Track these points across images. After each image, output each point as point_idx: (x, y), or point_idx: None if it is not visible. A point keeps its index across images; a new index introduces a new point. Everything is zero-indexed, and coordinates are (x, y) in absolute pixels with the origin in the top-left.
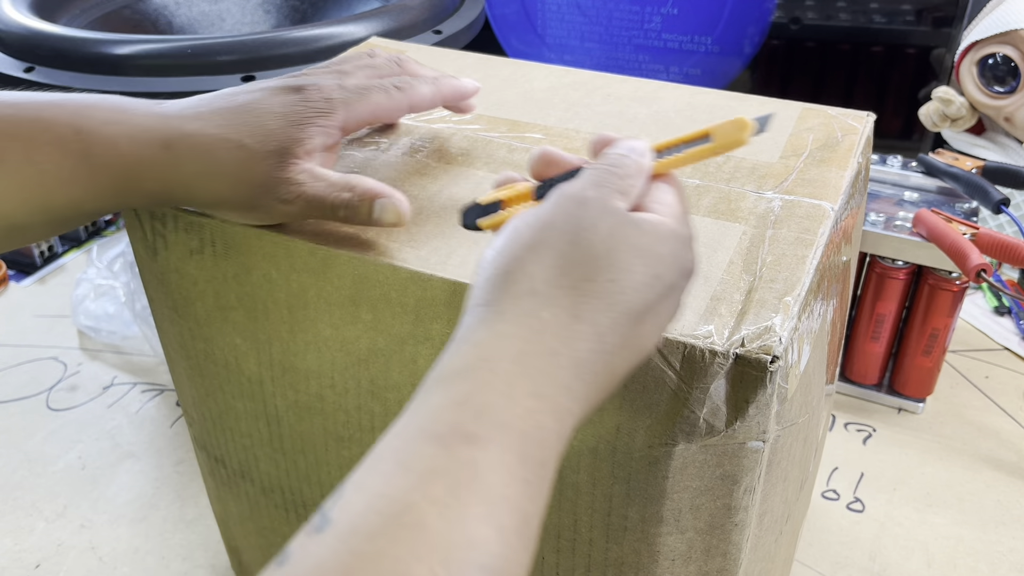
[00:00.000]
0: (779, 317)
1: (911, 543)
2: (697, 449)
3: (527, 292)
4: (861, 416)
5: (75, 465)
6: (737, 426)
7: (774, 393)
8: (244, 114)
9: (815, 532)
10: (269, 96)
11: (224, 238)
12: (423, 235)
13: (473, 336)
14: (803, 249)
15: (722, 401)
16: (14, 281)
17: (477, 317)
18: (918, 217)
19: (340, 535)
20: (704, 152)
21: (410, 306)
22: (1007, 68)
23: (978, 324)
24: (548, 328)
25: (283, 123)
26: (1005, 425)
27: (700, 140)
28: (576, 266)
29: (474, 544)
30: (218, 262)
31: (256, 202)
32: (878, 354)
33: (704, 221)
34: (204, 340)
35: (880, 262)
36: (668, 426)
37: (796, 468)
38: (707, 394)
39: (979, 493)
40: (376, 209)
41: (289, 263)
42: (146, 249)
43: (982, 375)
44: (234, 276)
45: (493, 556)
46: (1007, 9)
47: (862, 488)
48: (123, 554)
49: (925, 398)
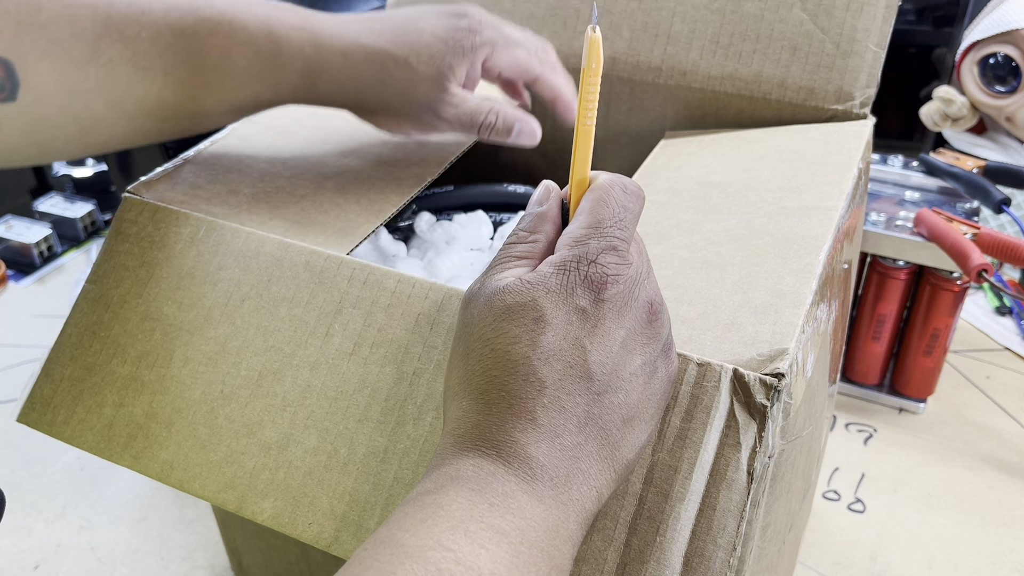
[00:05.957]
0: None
1: (912, 543)
2: None
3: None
4: (862, 416)
5: (74, 466)
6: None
7: (779, 408)
8: (412, 32)
9: (816, 533)
10: (435, 19)
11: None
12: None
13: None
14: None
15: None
16: (13, 281)
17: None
18: (919, 217)
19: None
20: (583, 88)
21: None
22: (1008, 68)
23: (979, 324)
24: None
25: (443, 48)
26: (1006, 425)
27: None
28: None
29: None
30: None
31: (416, 114)
32: (879, 354)
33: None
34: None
35: (881, 262)
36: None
37: (800, 479)
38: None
39: (980, 493)
40: (515, 132)
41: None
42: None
43: (983, 375)
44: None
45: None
46: (1008, 9)
47: (863, 488)
48: (122, 555)
49: (926, 398)
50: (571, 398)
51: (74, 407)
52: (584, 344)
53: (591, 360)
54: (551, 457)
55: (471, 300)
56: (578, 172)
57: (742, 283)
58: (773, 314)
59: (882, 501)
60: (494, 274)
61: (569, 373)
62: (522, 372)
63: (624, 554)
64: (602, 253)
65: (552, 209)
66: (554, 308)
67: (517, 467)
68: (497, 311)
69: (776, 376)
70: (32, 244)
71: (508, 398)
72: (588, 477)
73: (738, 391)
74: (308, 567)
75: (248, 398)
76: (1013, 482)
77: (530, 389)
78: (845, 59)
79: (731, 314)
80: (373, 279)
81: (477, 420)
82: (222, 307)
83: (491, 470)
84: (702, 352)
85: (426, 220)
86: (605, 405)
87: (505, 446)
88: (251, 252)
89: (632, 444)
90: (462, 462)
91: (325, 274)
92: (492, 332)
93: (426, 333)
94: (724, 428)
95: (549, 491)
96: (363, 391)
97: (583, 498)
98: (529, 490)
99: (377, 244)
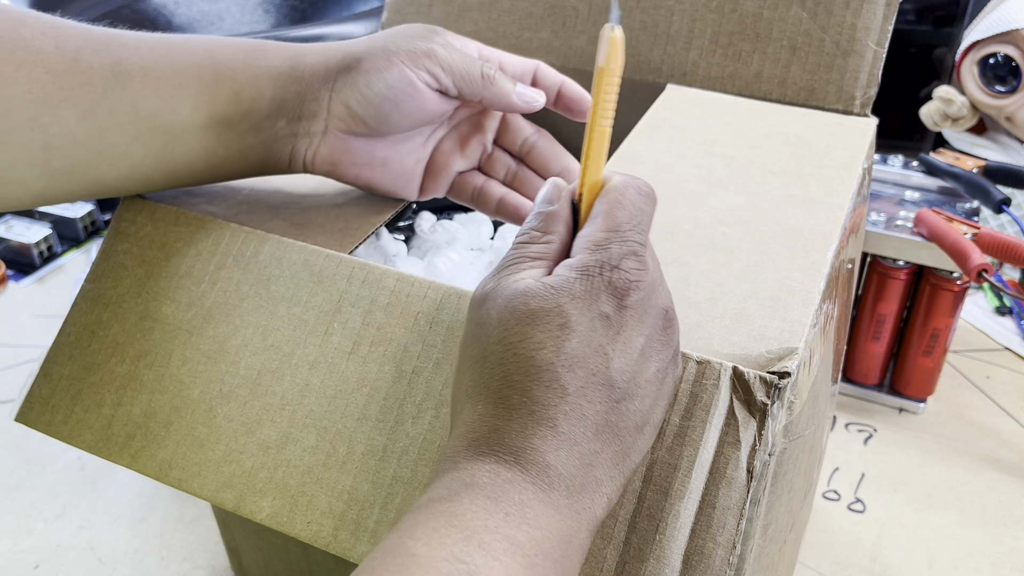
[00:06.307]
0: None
1: (912, 544)
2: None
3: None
4: (862, 416)
5: (74, 465)
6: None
7: (780, 406)
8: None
9: (816, 533)
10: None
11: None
12: None
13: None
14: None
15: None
16: (13, 281)
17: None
18: (919, 217)
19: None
20: (600, 88)
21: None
22: (1008, 68)
23: (979, 324)
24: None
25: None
26: (1006, 425)
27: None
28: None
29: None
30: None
31: (410, 57)
32: (879, 354)
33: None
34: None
35: (881, 262)
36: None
37: (801, 478)
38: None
39: (980, 493)
40: (517, 89)
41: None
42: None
43: (983, 375)
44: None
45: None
46: (1008, 8)
47: (863, 488)
48: (122, 555)
49: (926, 398)
50: (592, 405)
51: (72, 406)
52: (607, 351)
53: (613, 368)
54: (569, 465)
55: (484, 301)
56: (592, 173)
57: (749, 271)
58: (782, 310)
59: (882, 501)
60: (509, 275)
61: (591, 380)
62: (545, 378)
63: (624, 552)
64: (624, 258)
65: (564, 209)
66: (579, 314)
67: (535, 474)
68: (520, 315)
69: (779, 375)
70: (32, 244)
71: (530, 404)
72: (601, 484)
73: (738, 389)
74: (308, 566)
75: (247, 397)
76: (1013, 482)
77: (552, 395)
78: (845, 58)
79: (739, 304)
80: (372, 278)
81: (496, 424)
82: (221, 306)
83: (508, 477)
84: (710, 341)
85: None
86: (622, 412)
87: (524, 452)
88: (250, 251)
89: (641, 449)
90: (477, 467)
91: (324, 273)
92: (515, 336)
93: (425, 332)
94: (724, 426)
95: (565, 500)
96: (362, 389)
97: (595, 506)
98: (546, 499)
99: (378, 244)
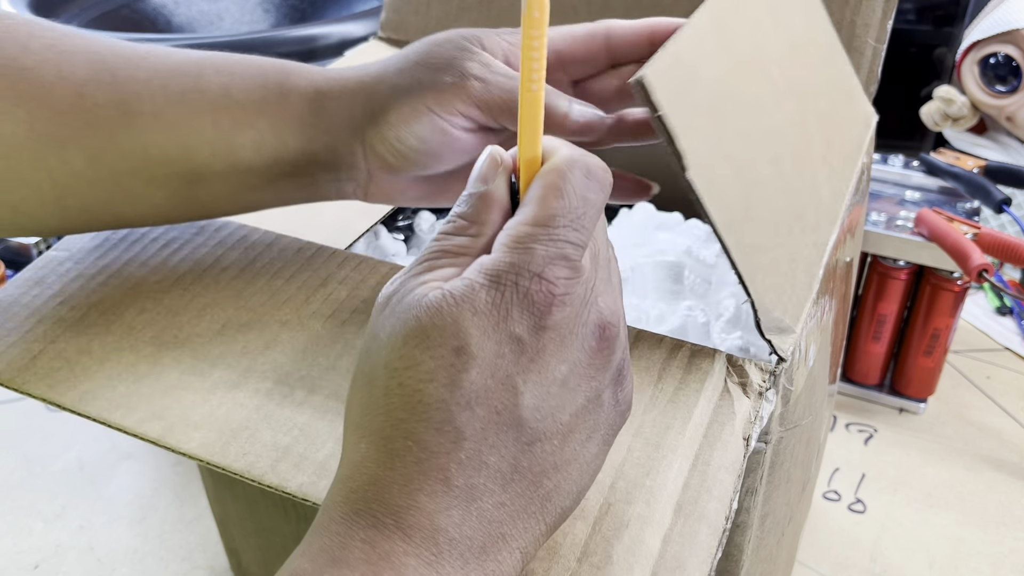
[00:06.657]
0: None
1: (912, 544)
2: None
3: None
4: (862, 416)
5: (73, 466)
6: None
7: (777, 392)
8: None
9: (816, 533)
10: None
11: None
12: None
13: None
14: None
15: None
16: None
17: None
18: (920, 217)
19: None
20: (526, 44)
21: None
22: (1008, 67)
23: (980, 324)
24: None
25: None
26: (1006, 426)
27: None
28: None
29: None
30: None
31: (439, 86)
32: (879, 354)
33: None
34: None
35: (881, 262)
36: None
37: (799, 470)
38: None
39: (980, 494)
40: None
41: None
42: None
43: (983, 375)
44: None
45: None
46: (1008, 8)
47: (863, 489)
48: (122, 555)
49: (926, 398)
50: (495, 451)
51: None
52: (516, 384)
53: (523, 404)
54: (464, 527)
55: (385, 306)
56: (527, 149)
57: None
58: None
59: (882, 501)
60: (418, 274)
61: (495, 420)
62: (436, 419)
63: (608, 495)
64: (550, 264)
65: (500, 190)
66: (481, 336)
67: (419, 542)
68: (409, 333)
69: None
70: (31, 244)
71: (416, 451)
72: (510, 540)
73: (732, 373)
74: None
75: (205, 344)
76: (1013, 482)
77: (444, 441)
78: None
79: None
80: (366, 265)
81: (377, 474)
82: (197, 273)
83: (385, 550)
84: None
85: (426, 220)
86: (536, 455)
87: (407, 513)
88: (240, 237)
89: (568, 491)
90: (351, 535)
91: (316, 258)
92: (401, 361)
93: None
94: (718, 400)
95: (459, 569)
96: (335, 345)
97: (502, 565)
98: (431, 573)
99: (377, 243)
